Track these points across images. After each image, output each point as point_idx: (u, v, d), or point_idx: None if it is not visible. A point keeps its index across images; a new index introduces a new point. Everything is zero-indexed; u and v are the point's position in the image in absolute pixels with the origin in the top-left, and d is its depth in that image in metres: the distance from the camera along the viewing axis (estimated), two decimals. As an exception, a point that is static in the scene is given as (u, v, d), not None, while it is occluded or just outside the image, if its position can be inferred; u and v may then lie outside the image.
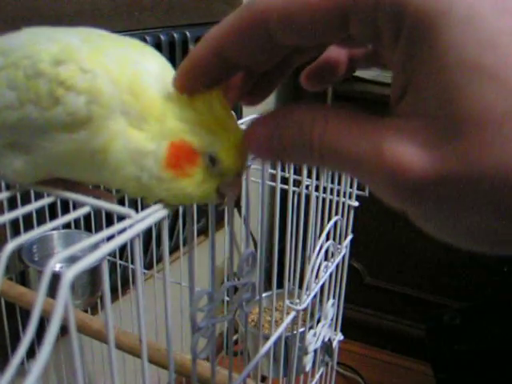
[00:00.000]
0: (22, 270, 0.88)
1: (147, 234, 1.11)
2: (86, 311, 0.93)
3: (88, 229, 0.96)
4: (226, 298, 0.95)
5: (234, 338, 1.06)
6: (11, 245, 0.29)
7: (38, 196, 0.80)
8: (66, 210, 0.86)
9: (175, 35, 1.16)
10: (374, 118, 0.24)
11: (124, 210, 0.31)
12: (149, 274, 1.07)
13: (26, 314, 0.88)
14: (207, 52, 0.28)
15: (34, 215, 0.85)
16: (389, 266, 1.66)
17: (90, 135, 0.29)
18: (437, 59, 0.20)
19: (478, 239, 0.23)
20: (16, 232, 0.84)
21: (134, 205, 0.88)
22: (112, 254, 1.00)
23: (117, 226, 0.30)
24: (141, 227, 0.30)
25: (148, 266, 1.11)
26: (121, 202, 0.83)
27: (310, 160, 0.26)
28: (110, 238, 0.30)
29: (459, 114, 0.20)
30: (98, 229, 0.96)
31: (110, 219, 0.94)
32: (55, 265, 0.85)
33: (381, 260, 1.64)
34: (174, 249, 1.14)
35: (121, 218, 0.30)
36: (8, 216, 0.33)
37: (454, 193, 0.21)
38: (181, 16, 1.21)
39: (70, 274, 0.27)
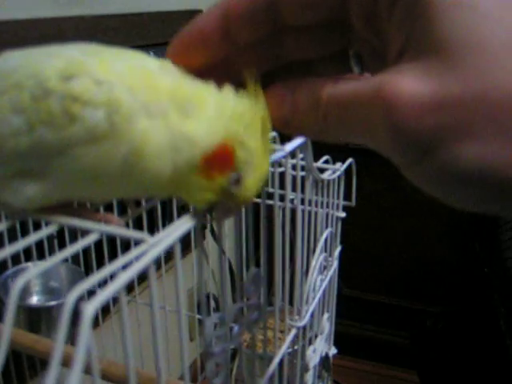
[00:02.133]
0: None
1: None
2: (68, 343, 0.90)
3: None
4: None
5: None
6: (21, 279, 0.27)
7: (35, 224, 0.78)
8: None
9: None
10: None
11: (137, 234, 0.29)
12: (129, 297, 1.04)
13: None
14: (212, 20, 0.28)
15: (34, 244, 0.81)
16: (365, 276, 1.66)
17: (117, 142, 0.27)
18: (433, 5, 0.22)
19: (481, 183, 0.22)
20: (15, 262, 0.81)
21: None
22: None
23: (131, 254, 0.29)
24: (156, 252, 0.29)
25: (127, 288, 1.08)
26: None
27: (314, 123, 0.26)
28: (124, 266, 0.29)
29: (456, 47, 0.21)
30: (75, 257, 0.92)
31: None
32: (31, 298, 0.81)
33: (356, 270, 1.64)
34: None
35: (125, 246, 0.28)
36: (9, 250, 0.30)
37: (453, 120, 0.21)
38: (145, 36, 1.20)
39: (91, 309, 0.24)
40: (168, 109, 0.28)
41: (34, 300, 0.86)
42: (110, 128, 0.27)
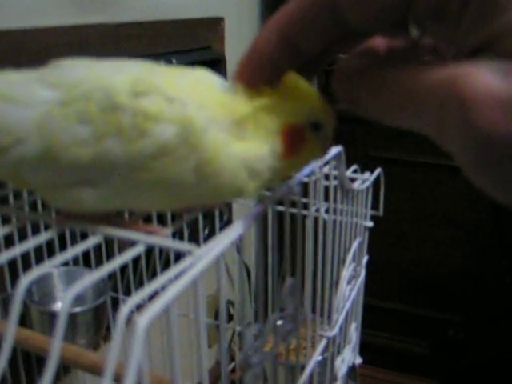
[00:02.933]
0: (23, 311, 0.84)
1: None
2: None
3: (86, 264, 0.93)
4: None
5: (231, 366, 1.03)
6: (25, 280, 0.27)
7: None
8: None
9: (162, 62, 1.15)
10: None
11: (185, 246, 0.29)
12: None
13: (28, 358, 0.84)
14: (272, 35, 0.27)
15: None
16: (385, 285, 1.65)
17: (187, 154, 0.28)
18: None
19: None
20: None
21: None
22: (113, 289, 0.96)
23: (179, 266, 0.28)
24: (204, 264, 0.29)
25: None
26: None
27: (377, 102, 0.25)
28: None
29: None
30: (98, 264, 0.92)
31: (111, 253, 0.91)
32: (56, 304, 0.81)
33: (377, 279, 1.63)
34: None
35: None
36: (59, 259, 0.30)
37: None
38: (166, 43, 1.20)
39: (144, 322, 0.24)
40: (232, 124, 0.29)
41: (59, 306, 0.87)
42: (181, 143, 0.27)
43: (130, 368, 0.24)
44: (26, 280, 0.26)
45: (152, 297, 0.28)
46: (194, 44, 1.28)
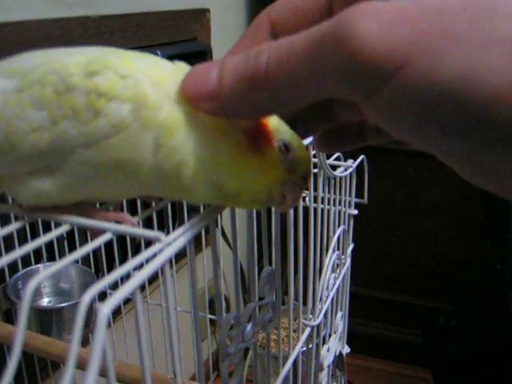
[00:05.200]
0: (9, 308, 0.84)
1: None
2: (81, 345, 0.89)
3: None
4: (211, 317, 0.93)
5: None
6: (33, 281, 0.27)
7: (45, 225, 0.78)
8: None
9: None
10: None
11: (153, 233, 0.29)
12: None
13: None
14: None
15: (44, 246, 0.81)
16: (375, 274, 1.65)
17: (143, 130, 0.27)
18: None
19: (460, 100, 0.19)
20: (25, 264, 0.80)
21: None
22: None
23: (146, 253, 0.28)
24: (171, 251, 0.28)
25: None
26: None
27: (251, 89, 0.24)
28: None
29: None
30: (85, 257, 0.92)
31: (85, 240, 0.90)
32: (42, 300, 0.81)
33: (367, 268, 1.63)
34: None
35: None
36: (20, 252, 0.30)
37: (429, 29, 0.19)
38: (151, 36, 1.19)
39: (106, 310, 0.24)
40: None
41: (45, 302, 0.86)
42: (136, 121, 0.26)
43: (93, 354, 0.24)
44: (34, 282, 0.25)
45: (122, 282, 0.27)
46: (179, 36, 1.27)
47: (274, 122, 0.30)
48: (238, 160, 0.29)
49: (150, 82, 0.27)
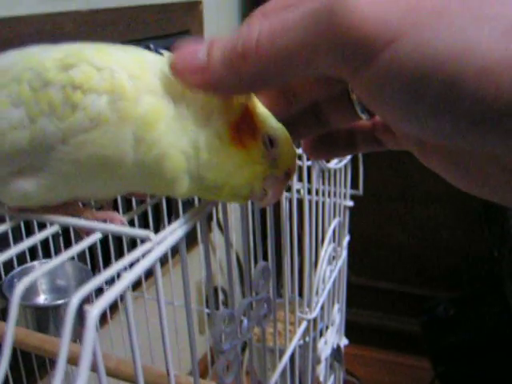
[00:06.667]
0: (5, 306, 0.83)
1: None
2: (75, 341, 0.89)
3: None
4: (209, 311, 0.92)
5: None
6: (21, 284, 0.26)
7: (40, 224, 0.77)
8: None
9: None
10: None
11: (142, 232, 0.28)
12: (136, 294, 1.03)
13: (14, 353, 0.83)
14: None
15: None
16: (373, 264, 1.65)
17: (122, 123, 0.26)
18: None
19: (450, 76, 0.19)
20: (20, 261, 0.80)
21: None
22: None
23: (137, 252, 0.28)
24: (161, 250, 0.28)
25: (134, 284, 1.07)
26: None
27: (240, 61, 0.24)
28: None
29: None
30: (81, 254, 0.91)
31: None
32: (38, 297, 0.80)
33: (365, 258, 1.63)
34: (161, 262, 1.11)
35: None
36: (14, 250, 0.29)
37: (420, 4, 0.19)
38: (143, 29, 1.18)
39: (95, 312, 0.24)
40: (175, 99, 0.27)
41: (42, 299, 0.86)
42: (114, 113, 0.26)
43: (83, 356, 0.23)
44: (22, 285, 0.25)
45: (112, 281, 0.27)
46: (171, 29, 1.26)
47: (261, 115, 0.30)
48: (220, 153, 0.28)
49: (128, 73, 0.27)
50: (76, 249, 0.29)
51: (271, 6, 0.25)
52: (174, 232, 0.29)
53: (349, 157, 0.62)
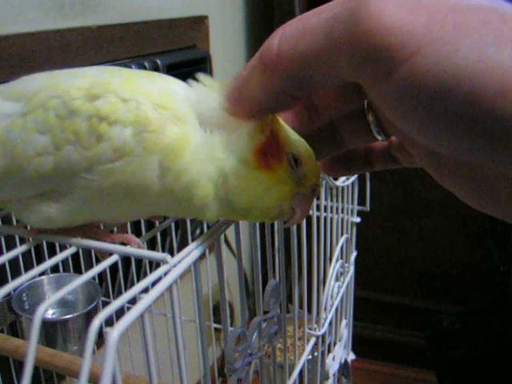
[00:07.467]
0: (14, 320, 0.84)
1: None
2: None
3: (76, 270, 0.92)
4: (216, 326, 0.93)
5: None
6: (43, 307, 0.27)
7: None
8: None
9: (146, 64, 1.14)
10: None
11: (159, 255, 0.29)
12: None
13: (21, 367, 0.83)
14: None
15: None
16: (379, 278, 1.65)
17: (147, 154, 0.27)
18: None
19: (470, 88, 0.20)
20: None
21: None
22: (104, 294, 0.96)
23: (153, 274, 0.28)
24: (178, 272, 0.28)
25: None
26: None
27: (263, 73, 0.24)
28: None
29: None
30: (88, 268, 0.92)
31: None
32: (47, 312, 0.81)
33: (371, 272, 1.63)
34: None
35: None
36: (26, 276, 0.30)
37: (447, 18, 0.20)
38: (150, 44, 1.19)
39: (115, 334, 0.24)
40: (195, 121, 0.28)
41: (50, 313, 0.86)
42: (139, 144, 0.27)
43: (104, 377, 0.24)
44: (43, 307, 0.26)
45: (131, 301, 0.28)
46: (178, 44, 1.27)
47: (285, 135, 0.30)
48: (247, 178, 0.29)
49: (154, 103, 0.27)
50: (96, 269, 0.30)
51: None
52: (190, 254, 0.30)
53: (356, 174, 0.63)
